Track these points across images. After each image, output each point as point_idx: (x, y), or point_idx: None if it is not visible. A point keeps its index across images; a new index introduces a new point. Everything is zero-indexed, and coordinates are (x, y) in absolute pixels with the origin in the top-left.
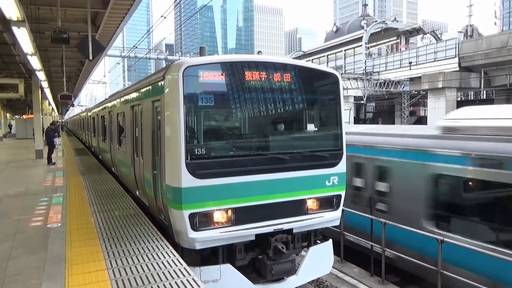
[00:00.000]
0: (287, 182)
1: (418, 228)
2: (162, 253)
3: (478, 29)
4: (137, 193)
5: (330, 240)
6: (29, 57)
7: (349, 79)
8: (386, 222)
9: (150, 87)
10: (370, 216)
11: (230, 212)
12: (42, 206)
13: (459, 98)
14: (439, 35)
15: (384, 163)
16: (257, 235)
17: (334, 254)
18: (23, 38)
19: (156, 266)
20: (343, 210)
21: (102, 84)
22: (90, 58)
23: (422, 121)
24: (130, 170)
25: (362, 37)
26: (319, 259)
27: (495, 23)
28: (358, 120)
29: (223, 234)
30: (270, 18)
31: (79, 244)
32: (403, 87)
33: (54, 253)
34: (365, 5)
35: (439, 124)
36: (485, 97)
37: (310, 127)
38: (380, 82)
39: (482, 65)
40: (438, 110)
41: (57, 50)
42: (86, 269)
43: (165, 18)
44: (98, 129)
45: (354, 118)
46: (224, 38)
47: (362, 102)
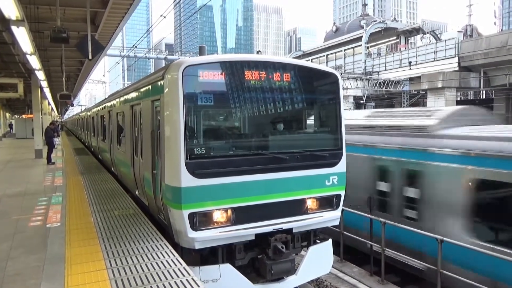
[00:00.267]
0: (287, 182)
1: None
2: (161, 252)
3: (478, 28)
4: (136, 192)
5: (330, 239)
6: (28, 56)
7: (348, 79)
8: (386, 221)
9: (150, 87)
10: (369, 215)
11: (229, 211)
12: (41, 206)
13: (459, 98)
14: (439, 35)
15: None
16: (256, 235)
17: (334, 254)
18: (23, 37)
19: (155, 266)
20: (343, 210)
21: (102, 83)
22: (90, 57)
23: None
24: (129, 169)
25: (361, 36)
26: (319, 259)
27: (495, 23)
28: None
29: (223, 234)
30: (270, 17)
31: (79, 244)
32: (403, 87)
33: (53, 253)
34: (364, 4)
35: None
36: (484, 96)
37: (310, 127)
38: (379, 82)
39: (482, 65)
40: None
41: (56, 50)
42: (85, 269)
43: (164, 17)
44: (98, 128)
45: None
46: (223, 38)
47: (361, 101)
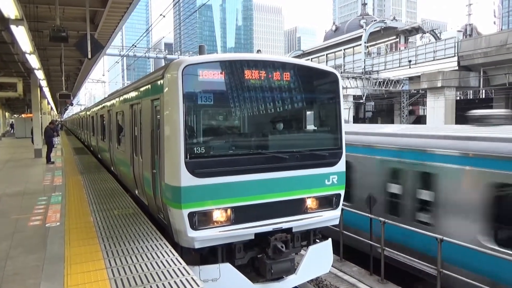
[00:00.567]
0: (287, 181)
1: None
2: (161, 252)
3: (477, 28)
4: (136, 192)
5: (330, 239)
6: (27, 55)
7: (348, 78)
8: (386, 221)
9: (149, 86)
10: (369, 215)
11: (229, 211)
12: (41, 205)
13: (458, 97)
14: (438, 34)
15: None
16: (256, 234)
17: (334, 253)
18: (22, 36)
19: (155, 265)
20: (342, 209)
21: (101, 83)
22: (89, 56)
23: (421, 120)
24: (129, 169)
25: (361, 36)
26: (319, 258)
27: (494, 22)
28: (357, 119)
29: (223, 233)
30: (269, 17)
31: (78, 243)
32: (402, 86)
33: (53, 252)
34: (364, 4)
35: None
36: (484, 96)
37: (310, 126)
38: (379, 81)
39: (481, 64)
40: (437, 109)
41: (55, 49)
42: (85, 268)
43: (164, 17)
44: (97, 128)
45: (354, 117)
46: (223, 37)
47: (361, 101)
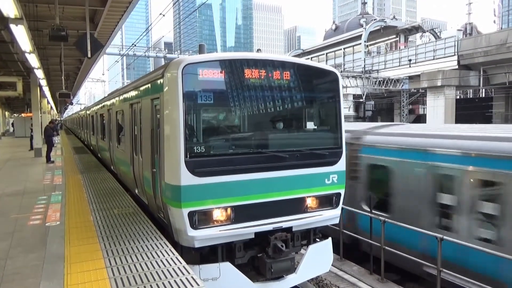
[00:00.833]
0: (287, 180)
1: None
2: (161, 251)
3: (477, 27)
4: (136, 191)
5: (330, 238)
6: (27, 55)
7: (348, 77)
8: (386, 220)
9: (149, 85)
10: (369, 214)
11: (229, 210)
12: (40, 205)
13: (458, 96)
14: (438, 33)
15: None
16: (256, 233)
17: (334, 252)
18: (21, 36)
19: (155, 265)
20: (343, 208)
21: (101, 82)
22: (89, 56)
23: (421, 119)
24: (129, 168)
25: (361, 35)
26: (319, 257)
27: (494, 21)
28: (357, 118)
29: (223, 232)
30: (269, 16)
31: (78, 242)
32: (402, 85)
33: (52, 251)
34: (364, 3)
35: None
36: (484, 95)
37: (310, 125)
38: (379, 80)
39: (481, 63)
40: (437, 108)
41: (55, 48)
42: (85, 267)
43: (164, 16)
44: (97, 127)
45: (353, 116)
46: (223, 36)
47: (361, 100)
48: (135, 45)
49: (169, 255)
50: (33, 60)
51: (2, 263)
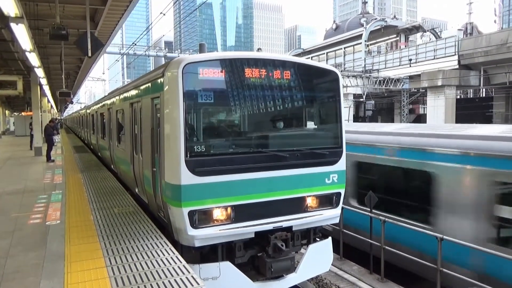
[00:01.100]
0: (287, 180)
1: None
2: (161, 250)
3: (478, 27)
4: (136, 190)
5: (330, 237)
6: (27, 54)
7: (348, 77)
8: (386, 220)
9: (150, 84)
10: (369, 214)
11: (229, 209)
12: (41, 204)
13: (459, 96)
14: (439, 33)
15: None
16: (256, 233)
17: (334, 252)
18: (22, 34)
19: (155, 264)
20: (343, 208)
21: (101, 81)
22: (89, 55)
23: (421, 119)
24: (129, 167)
25: (361, 34)
26: (319, 257)
27: (495, 21)
28: (357, 118)
29: (223, 232)
30: (270, 15)
31: (78, 241)
32: (403, 85)
33: (53, 250)
34: (364, 2)
35: None
36: (484, 95)
37: (310, 125)
38: (379, 80)
39: (482, 63)
40: (438, 108)
41: (56, 47)
42: (85, 266)
43: (164, 15)
44: (97, 126)
45: (354, 116)
46: (223, 36)
47: (361, 100)
48: (136, 44)
49: (169, 254)
50: (33, 59)
51: (2, 262)
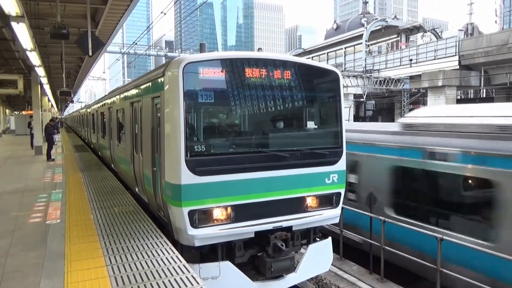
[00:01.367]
0: (287, 180)
1: None
2: (161, 250)
3: (479, 27)
4: (136, 190)
5: (330, 237)
6: (28, 53)
7: (349, 77)
8: (386, 220)
9: (150, 84)
10: (369, 214)
11: (229, 209)
12: (41, 203)
13: (459, 97)
14: (440, 33)
15: None
16: (256, 233)
17: (333, 252)
18: (22, 33)
19: (155, 263)
20: (342, 208)
21: (102, 80)
22: (90, 54)
23: None
24: (129, 167)
25: (362, 34)
26: (318, 257)
27: (496, 21)
28: (357, 117)
29: (223, 231)
30: (270, 15)
31: (78, 240)
32: (403, 85)
33: (53, 249)
34: (365, 2)
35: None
36: (485, 95)
37: (310, 125)
38: (380, 80)
39: (482, 63)
40: None
41: (56, 46)
42: (85, 265)
43: (165, 14)
44: (98, 125)
45: (354, 115)
46: (224, 35)
47: (362, 100)
48: (136, 43)
49: (169, 254)
50: (34, 58)
51: (2, 261)
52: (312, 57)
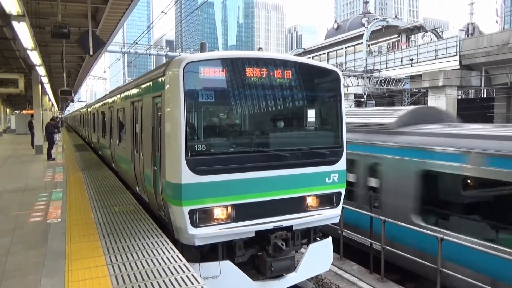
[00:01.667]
0: (287, 179)
1: None
2: (161, 249)
3: (480, 27)
4: (137, 189)
5: (330, 237)
6: (29, 52)
7: (349, 77)
8: (386, 219)
9: (151, 83)
10: (370, 213)
11: (230, 208)
12: (41, 202)
13: (460, 97)
14: (440, 33)
15: None
16: (256, 232)
17: (334, 251)
18: (23, 33)
19: (155, 262)
20: (343, 208)
21: (102, 80)
22: (91, 53)
23: None
24: (130, 166)
25: (363, 34)
26: (319, 256)
27: (497, 21)
28: None
29: (223, 231)
30: (271, 14)
31: (79, 239)
32: (404, 85)
33: (53, 248)
34: (366, 2)
35: None
36: (485, 95)
37: (311, 124)
38: (380, 80)
39: (483, 63)
40: None
41: (57, 45)
42: (85, 264)
43: (165, 14)
44: (98, 125)
45: None
46: (224, 35)
47: (362, 99)
48: (137, 43)
49: (169, 253)
50: (35, 57)
51: (3, 260)
52: (312, 56)
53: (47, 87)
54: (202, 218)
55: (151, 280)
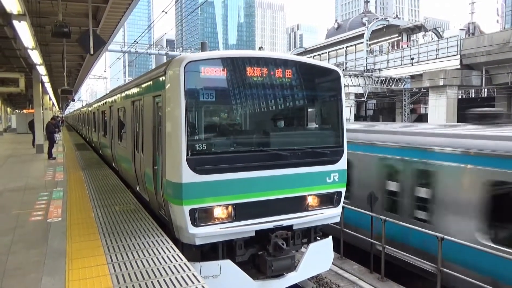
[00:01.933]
0: (288, 179)
1: None
2: (162, 248)
3: (480, 26)
4: (137, 188)
5: (330, 237)
6: (29, 51)
7: (350, 76)
8: (386, 219)
9: (151, 82)
10: (370, 213)
11: (230, 208)
12: (42, 201)
13: (460, 96)
14: (441, 33)
15: None
16: (257, 231)
17: (334, 251)
18: (24, 32)
19: (156, 261)
20: (343, 207)
21: (103, 79)
22: (91, 52)
23: (422, 118)
24: (130, 165)
25: (363, 34)
26: (319, 256)
27: (497, 21)
28: (358, 117)
29: (223, 230)
30: (271, 14)
31: (79, 238)
32: (404, 85)
33: (54, 247)
34: (366, 1)
35: None
36: (486, 95)
37: (311, 124)
38: (381, 79)
39: (484, 63)
40: (439, 108)
41: (58, 45)
42: (86, 263)
43: (166, 13)
44: (99, 124)
45: (355, 115)
46: (225, 34)
47: (363, 99)
48: (137, 42)
49: (170, 252)
50: (35, 56)
51: (3, 259)
52: (313, 56)
53: (48, 86)
54: (202, 217)
55: (152, 279)
